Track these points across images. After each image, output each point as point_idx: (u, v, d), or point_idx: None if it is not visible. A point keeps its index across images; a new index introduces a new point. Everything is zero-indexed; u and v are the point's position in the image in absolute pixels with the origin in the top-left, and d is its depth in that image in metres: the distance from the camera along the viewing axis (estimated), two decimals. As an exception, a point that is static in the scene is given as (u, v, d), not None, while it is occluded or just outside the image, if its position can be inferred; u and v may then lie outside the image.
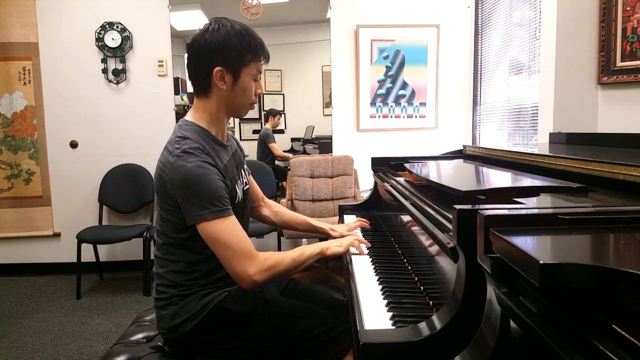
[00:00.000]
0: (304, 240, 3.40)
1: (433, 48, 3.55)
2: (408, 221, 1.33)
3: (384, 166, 1.97)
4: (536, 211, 0.74)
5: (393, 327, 0.91)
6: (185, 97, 4.09)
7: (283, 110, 4.69)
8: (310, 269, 3.40)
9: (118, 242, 3.32)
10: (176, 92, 3.71)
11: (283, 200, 3.38)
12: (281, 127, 4.64)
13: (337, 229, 1.60)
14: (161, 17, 3.45)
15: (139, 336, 1.42)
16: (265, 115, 4.59)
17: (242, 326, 1.25)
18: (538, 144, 2.29)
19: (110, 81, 3.47)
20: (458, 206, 0.78)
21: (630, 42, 1.94)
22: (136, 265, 3.51)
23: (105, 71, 3.45)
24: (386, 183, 1.65)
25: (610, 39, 2.01)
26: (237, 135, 4.74)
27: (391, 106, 3.60)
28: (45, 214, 3.55)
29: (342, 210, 2.05)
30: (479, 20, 3.48)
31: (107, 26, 3.41)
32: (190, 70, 1.26)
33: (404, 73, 3.57)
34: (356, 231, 1.64)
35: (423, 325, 0.82)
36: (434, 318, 0.82)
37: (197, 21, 3.93)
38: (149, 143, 3.51)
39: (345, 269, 1.41)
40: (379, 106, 3.59)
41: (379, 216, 1.89)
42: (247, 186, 1.43)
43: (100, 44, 3.41)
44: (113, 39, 3.41)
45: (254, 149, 4.35)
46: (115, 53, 3.44)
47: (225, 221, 1.15)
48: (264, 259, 1.18)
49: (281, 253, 1.25)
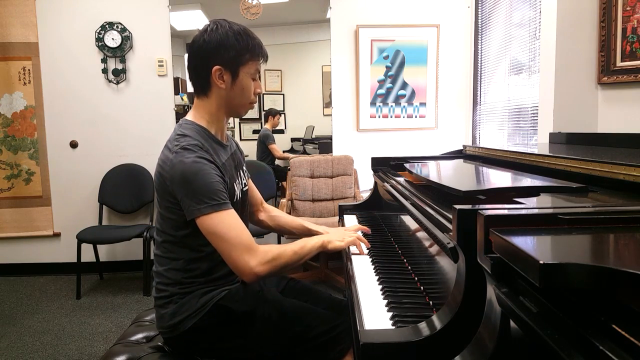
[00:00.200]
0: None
1: (433, 48, 3.55)
2: (408, 221, 1.33)
3: (384, 166, 1.97)
4: (536, 211, 0.74)
5: (393, 327, 0.91)
6: (185, 97, 4.09)
7: (283, 110, 4.69)
8: (310, 269, 3.40)
9: (118, 242, 3.32)
10: (176, 92, 3.70)
11: (283, 200, 3.38)
12: (281, 127, 4.64)
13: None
14: (161, 17, 3.45)
15: (139, 336, 1.42)
16: (265, 115, 4.59)
17: (242, 325, 1.25)
18: (538, 144, 2.29)
19: (110, 81, 3.47)
20: (458, 206, 0.78)
21: (630, 42, 1.94)
22: (136, 265, 3.51)
23: (105, 71, 3.45)
24: (386, 183, 1.65)
25: (610, 39, 2.01)
26: (237, 135, 4.74)
27: (391, 106, 3.60)
28: (45, 214, 3.55)
29: (342, 210, 2.05)
30: (479, 20, 3.48)
31: (107, 26, 3.41)
32: (190, 70, 1.27)
33: (404, 73, 3.57)
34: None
35: (423, 325, 0.82)
36: (434, 318, 0.82)
37: (197, 21, 3.93)
38: (149, 143, 3.51)
39: (345, 269, 1.41)
40: (379, 106, 3.59)
41: (379, 216, 1.89)
42: (246, 188, 1.44)
43: (100, 44, 3.41)
44: (113, 39, 3.41)
45: (254, 149, 4.35)
46: (115, 53, 3.44)
47: (223, 215, 1.16)
48: (265, 252, 1.19)
49: (282, 246, 1.26)
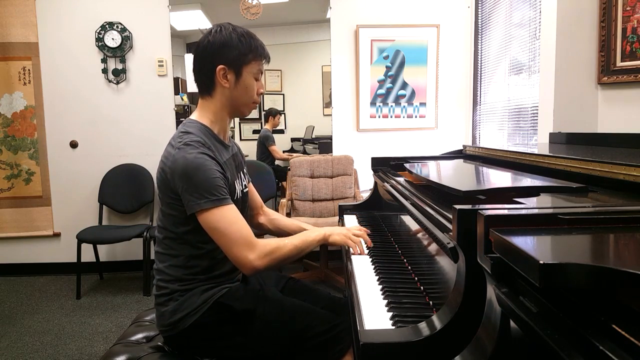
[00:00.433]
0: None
1: (433, 48, 3.55)
2: (408, 221, 1.33)
3: (384, 166, 1.97)
4: (536, 211, 0.74)
5: (393, 327, 0.91)
6: (185, 97, 4.09)
7: (283, 110, 4.69)
8: (310, 269, 3.40)
9: (118, 242, 3.32)
10: (176, 92, 3.70)
11: (283, 200, 3.38)
12: (281, 127, 4.64)
13: None
14: (161, 17, 3.45)
15: (139, 336, 1.42)
16: (265, 115, 4.59)
17: (243, 323, 1.26)
18: (538, 144, 2.29)
19: (110, 81, 3.47)
20: (458, 206, 0.78)
21: (630, 42, 1.94)
22: (136, 265, 3.51)
23: (105, 71, 3.45)
24: (386, 183, 1.65)
25: (610, 39, 2.01)
26: (237, 135, 4.74)
27: (391, 106, 3.60)
28: (45, 214, 3.55)
29: (342, 210, 2.05)
30: (479, 20, 3.48)
31: (107, 26, 3.41)
32: (195, 72, 1.31)
33: (404, 73, 3.57)
34: None
35: (423, 325, 0.82)
36: (434, 318, 0.82)
37: (197, 21, 3.93)
38: (149, 143, 3.51)
39: (345, 269, 1.41)
40: (379, 106, 3.59)
41: (379, 216, 1.89)
42: (247, 189, 1.46)
43: (100, 44, 3.41)
44: (113, 39, 3.41)
45: (254, 149, 4.35)
46: (115, 53, 3.44)
47: (223, 210, 1.18)
48: (264, 245, 1.22)
49: (282, 239, 1.29)
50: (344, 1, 3.50)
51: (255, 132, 4.63)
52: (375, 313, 0.98)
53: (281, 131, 4.64)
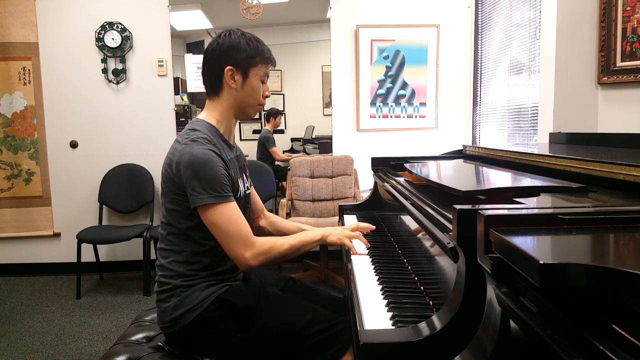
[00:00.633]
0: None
1: (433, 48, 3.55)
2: (408, 221, 1.33)
3: (384, 166, 1.97)
4: (536, 211, 0.74)
5: (393, 327, 0.91)
6: (185, 97, 4.09)
7: (283, 110, 4.69)
8: (310, 269, 3.40)
9: (118, 242, 3.32)
10: (176, 92, 3.70)
11: (283, 200, 3.38)
12: (281, 127, 4.63)
13: None
14: (161, 17, 3.45)
15: (139, 336, 1.42)
16: (265, 115, 4.59)
17: (244, 319, 1.27)
18: (538, 144, 2.29)
19: (110, 81, 3.47)
20: (458, 206, 0.78)
21: (630, 42, 1.94)
22: (136, 265, 3.51)
23: (105, 71, 3.45)
24: (386, 183, 1.65)
25: (610, 39, 2.01)
26: (237, 135, 4.74)
27: (391, 106, 3.60)
28: (45, 214, 3.55)
29: (342, 210, 2.05)
30: (479, 20, 3.48)
31: (107, 26, 3.41)
32: (204, 73, 1.36)
33: (404, 73, 3.57)
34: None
35: (423, 325, 0.82)
36: (434, 318, 0.82)
37: (197, 21, 3.93)
38: (149, 143, 3.51)
39: (345, 269, 1.41)
40: (379, 106, 3.59)
41: (379, 216, 1.89)
42: (249, 191, 1.49)
43: (100, 44, 3.41)
44: (113, 39, 3.41)
45: (254, 149, 4.34)
46: (115, 53, 3.44)
47: (225, 207, 1.22)
48: (261, 244, 1.26)
49: (280, 238, 1.33)
50: (344, 1, 3.50)
51: (255, 132, 4.63)
52: (375, 313, 0.98)
53: (281, 131, 4.63)
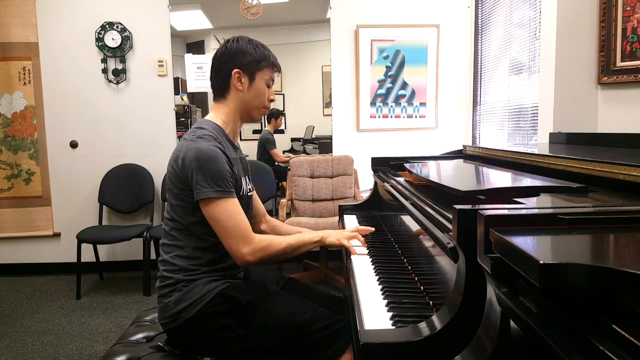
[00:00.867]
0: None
1: (433, 48, 3.55)
2: (408, 221, 1.33)
3: (384, 166, 1.97)
4: (536, 211, 0.74)
5: (393, 327, 0.91)
6: (185, 97, 4.09)
7: (283, 110, 4.69)
8: (310, 269, 3.40)
9: (118, 242, 3.32)
10: (176, 92, 3.70)
11: (283, 200, 3.38)
12: (281, 127, 4.64)
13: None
14: (161, 17, 3.45)
15: (139, 336, 1.42)
16: (266, 116, 4.59)
17: (245, 314, 1.27)
18: (538, 144, 2.29)
19: (110, 81, 3.47)
20: (458, 206, 0.78)
21: (630, 42, 1.94)
22: (136, 265, 3.51)
23: (105, 71, 3.45)
24: (386, 183, 1.65)
25: (610, 39, 2.01)
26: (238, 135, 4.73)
27: (391, 106, 3.60)
28: (45, 214, 3.55)
29: (342, 210, 2.05)
30: (479, 20, 3.48)
31: (107, 26, 3.41)
32: (212, 77, 1.42)
33: (404, 73, 3.57)
34: None
35: (423, 325, 0.82)
36: (434, 318, 0.82)
37: (197, 21, 3.93)
38: (149, 143, 3.51)
39: (345, 269, 1.42)
40: (379, 106, 3.59)
41: (379, 216, 1.89)
42: (251, 193, 1.51)
43: (100, 44, 3.41)
44: (113, 39, 3.41)
45: (254, 149, 4.34)
46: (115, 53, 3.44)
47: (227, 203, 1.26)
48: (259, 241, 1.30)
49: (279, 236, 1.37)
50: (344, 1, 3.50)
51: (255, 132, 4.63)
52: (375, 313, 0.98)
53: (281, 131, 4.63)
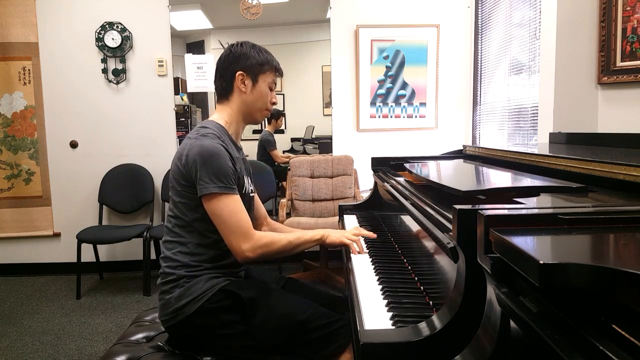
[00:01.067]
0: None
1: (433, 48, 3.55)
2: (408, 221, 1.33)
3: (384, 166, 1.97)
4: (536, 211, 0.74)
5: (393, 327, 0.91)
6: (185, 97, 4.09)
7: (283, 110, 4.69)
8: (310, 269, 3.40)
9: (118, 242, 3.32)
10: (176, 92, 3.70)
11: (283, 200, 3.38)
12: (281, 127, 4.63)
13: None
14: (161, 17, 3.45)
15: (139, 336, 1.42)
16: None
17: (246, 311, 1.28)
18: (538, 144, 2.29)
19: (110, 81, 3.47)
20: (458, 206, 0.78)
21: (630, 42, 1.94)
22: (136, 265, 3.51)
23: (105, 71, 3.45)
24: (386, 183, 1.65)
25: (610, 39, 2.01)
26: (237, 135, 4.72)
27: (391, 106, 3.60)
28: (45, 214, 3.55)
29: (342, 210, 2.05)
30: (479, 20, 3.48)
31: (107, 26, 3.41)
32: (216, 80, 1.45)
33: (404, 73, 3.56)
34: None
35: (423, 325, 0.82)
36: (434, 318, 0.82)
37: (197, 21, 3.93)
38: (149, 143, 3.51)
39: (345, 269, 1.42)
40: (379, 106, 3.59)
41: (379, 216, 1.89)
42: (253, 194, 1.52)
43: (100, 44, 3.41)
44: (113, 39, 3.41)
45: (254, 149, 4.34)
46: (115, 53, 3.43)
47: (229, 199, 1.27)
48: (260, 238, 1.31)
49: (279, 234, 1.38)
50: (344, 1, 3.50)
51: (255, 132, 4.62)
52: (375, 313, 0.98)
53: (281, 131, 4.63)
